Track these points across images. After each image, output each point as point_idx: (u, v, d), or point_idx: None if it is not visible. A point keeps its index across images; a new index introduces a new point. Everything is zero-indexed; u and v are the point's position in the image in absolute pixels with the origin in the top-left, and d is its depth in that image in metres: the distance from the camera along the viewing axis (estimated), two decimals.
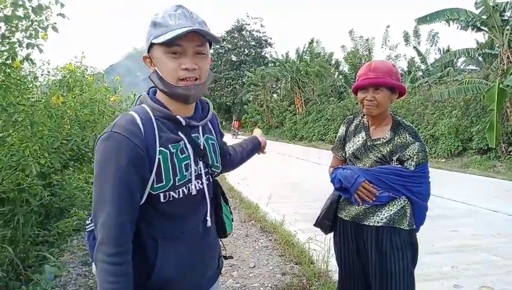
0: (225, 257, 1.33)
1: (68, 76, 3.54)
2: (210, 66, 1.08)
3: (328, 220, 1.90)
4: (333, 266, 3.37)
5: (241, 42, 40.78)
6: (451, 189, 7.00)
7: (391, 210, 1.70)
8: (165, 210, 1.03)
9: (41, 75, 3.75)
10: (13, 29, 2.70)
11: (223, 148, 1.35)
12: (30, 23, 2.74)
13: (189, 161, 1.06)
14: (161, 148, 1.00)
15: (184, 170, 1.04)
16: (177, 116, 1.05)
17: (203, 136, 1.13)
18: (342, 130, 1.91)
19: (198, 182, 1.08)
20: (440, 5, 11.72)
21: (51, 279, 2.84)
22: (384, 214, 1.70)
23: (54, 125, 2.87)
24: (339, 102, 19.53)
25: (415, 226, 1.77)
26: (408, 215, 1.72)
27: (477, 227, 4.88)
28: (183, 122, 1.06)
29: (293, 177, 9.01)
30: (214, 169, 1.15)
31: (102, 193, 0.95)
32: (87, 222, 1.14)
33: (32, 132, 2.63)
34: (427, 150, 1.75)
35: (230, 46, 40.49)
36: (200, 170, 1.09)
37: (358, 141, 1.78)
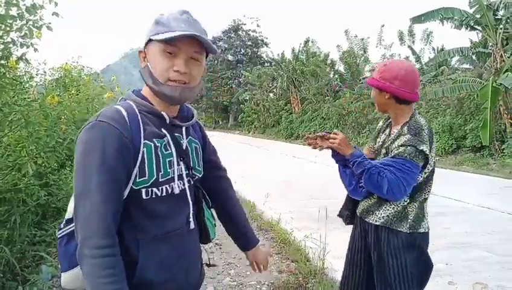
0: (208, 265, 1.29)
1: (64, 76, 3.54)
2: (202, 75, 1.09)
3: (348, 211, 1.95)
4: (329, 263, 3.40)
5: (238, 42, 40.70)
6: (445, 187, 7.05)
7: (387, 210, 1.70)
8: (147, 208, 1.01)
9: (37, 75, 3.74)
10: (7, 28, 2.68)
11: (219, 169, 1.34)
12: (25, 22, 2.72)
13: (172, 159, 1.05)
14: (146, 140, 0.99)
15: (168, 166, 1.03)
16: (162, 112, 1.04)
17: (187, 138, 1.12)
18: (380, 123, 1.99)
19: (180, 182, 1.07)
20: (434, 5, 11.79)
21: (48, 279, 2.83)
22: (381, 213, 1.72)
23: (50, 125, 2.87)
24: (334, 101, 19.57)
25: (423, 230, 1.70)
26: (410, 218, 1.68)
27: (471, 224, 4.93)
28: (167, 119, 1.05)
29: (290, 175, 9.03)
30: (194, 172, 1.13)
31: (87, 182, 0.91)
32: (61, 226, 1.06)
33: (28, 131, 2.63)
34: (424, 150, 1.60)
35: (226, 45, 40.38)
36: (181, 171, 1.07)
37: (382, 138, 1.86)
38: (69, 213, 1.05)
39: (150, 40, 1.01)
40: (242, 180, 7.85)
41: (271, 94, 29.38)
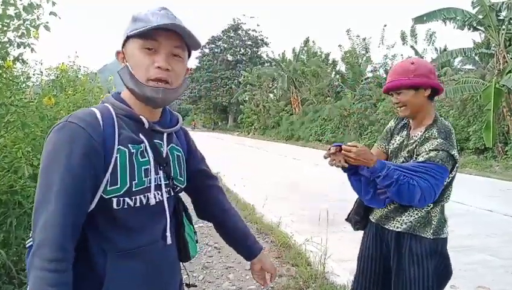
0: (188, 285, 1.18)
1: (61, 76, 3.51)
2: (187, 75, 1.03)
3: (358, 216, 1.85)
4: (330, 267, 3.36)
5: (237, 42, 40.76)
6: None
7: (411, 216, 1.65)
8: (118, 219, 0.92)
9: (34, 75, 3.72)
10: (4, 28, 2.65)
11: (207, 177, 1.24)
12: (22, 21, 2.70)
13: (149, 167, 0.96)
14: (120, 146, 0.91)
15: (143, 175, 0.95)
16: (140, 116, 0.97)
17: (168, 145, 1.04)
18: (391, 124, 1.88)
19: (157, 193, 0.98)
20: (437, 5, 11.76)
21: None
22: (404, 220, 1.65)
23: (46, 126, 2.83)
24: (336, 102, 19.55)
25: (445, 235, 1.68)
26: (434, 223, 1.64)
27: (474, 227, 4.89)
28: (146, 124, 0.97)
29: (290, 178, 8.99)
30: (176, 183, 1.04)
31: (47, 188, 0.85)
32: (29, 235, 0.97)
33: (24, 133, 2.60)
34: (455, 155, 1.57)
35: (226, 45, 40.46)
36: (160, 180, 0.99)
37: (399, 140, 1.77)
38: None
39: (127, 39, 0.95)
40: (241, 182, 7.83)
41: (271, 95, 29.41)
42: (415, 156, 1.64)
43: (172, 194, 1.04)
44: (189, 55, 1.02)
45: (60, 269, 0.83)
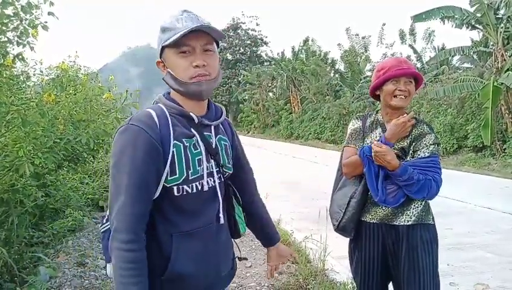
0: (239, 258, 1.35)
1: (61, 75, 3.51)
2: (219, 64, 1.15)
3: (353, 223, 1.79)
4: (329, 264, 3.38)
5: (237, 41, 40.65)
6: (447, 187, 7.01)
7: (418, 207, 1.71)
8: (179, 204, 1.08)
9: (34, 74, 3.72)
10: (3, 28, 2.66)
11: (243, 166, 1.37)
12: (20, 21, 2.71)
13: (201, 157, 1.11)
14: (175, 141, 1.06)
15: (197, 164, 1.09)
16: (190, 113, 1.11)
17: (216, 136, 1.18)
18: (357, 123, 1.85)
19: (210, 179, 1.13)
20: (435, 3, 11.77)
21: (46, 280, 2.82)
22: (412, 212, 1.71)
23: (47, 125, 2.84)
24: (335, 101, 19.54)
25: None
26: (430, 209, 1.76)
27: (473, 225, 4.91)
28: (196, 119, 1.11)
29: (289, 176, 9.01)
30: (225, 169, 1.19)
31: (118, 182, 1.01)
32: (103, 222, 1.18)
33: (25, 131, 2.60)
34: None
35: (225, 44, 40.30)
36: (212, 168, 1.14)
37: (376, 138, 1.76)
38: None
39: (163, 48, 1.08)
40: None
41: (270, 94, 29.36)
42: (411, 151, 1.72)
43: (223, 180, 1.19)
44: (217, 45, 1.15)
45: (134, 249, 0.99)
